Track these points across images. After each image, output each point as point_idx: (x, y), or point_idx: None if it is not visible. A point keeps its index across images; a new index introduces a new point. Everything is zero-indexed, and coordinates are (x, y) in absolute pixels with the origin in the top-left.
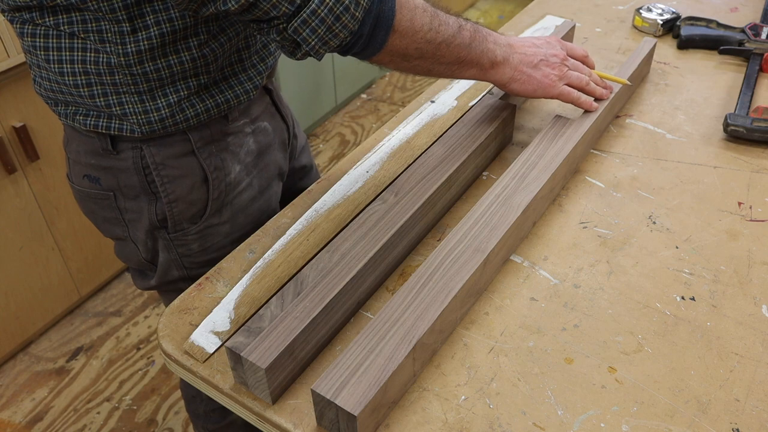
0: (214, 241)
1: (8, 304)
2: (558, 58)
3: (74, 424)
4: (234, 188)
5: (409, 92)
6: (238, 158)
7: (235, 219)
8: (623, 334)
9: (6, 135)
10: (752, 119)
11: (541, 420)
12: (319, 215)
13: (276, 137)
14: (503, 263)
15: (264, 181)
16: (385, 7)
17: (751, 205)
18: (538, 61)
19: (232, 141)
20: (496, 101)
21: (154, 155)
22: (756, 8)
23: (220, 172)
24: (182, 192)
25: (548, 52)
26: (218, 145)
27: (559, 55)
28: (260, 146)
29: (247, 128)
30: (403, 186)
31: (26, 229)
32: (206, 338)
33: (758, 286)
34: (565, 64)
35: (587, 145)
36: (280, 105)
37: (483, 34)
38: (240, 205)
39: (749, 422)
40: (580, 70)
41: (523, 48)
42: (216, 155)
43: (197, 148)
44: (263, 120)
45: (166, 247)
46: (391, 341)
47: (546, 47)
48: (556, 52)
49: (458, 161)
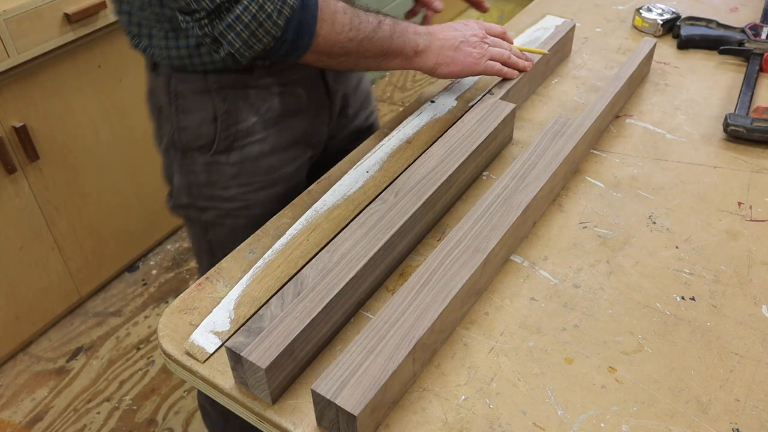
0: (220, 178)
1: (8, 304)
2: (477, 37)
3: (74, 424)
4: (245, 136)
5: (409, 92)
6: (256, 110)
7: (243, 166)
8: (623, 334)
9: (6, 135)
10: (752, 119)
11: (541, 420)
12: (319, 215)
13: (312, 107)
14: (503, 263)
15: (282, 141)
16: (307, 14)
17: (751, 205)
18: (458, 43)
19: (253, 94)
20: (496, 101)
21: (176, 85)
22: (756, 8)
23: (231, 118)
24: (192, 124)
25: (467, 33)
26: (236, 92)
27: (478, 34)
28: (286, 108)
29: (274, 87)
30: (403, 186)
31: (26, 229)
32: (206, 338)
33: (758, 286)
34: (485, 41)
35: (587, 145)
36: (331, 81)
37: (403, 26)
38: (250, 154)
39: (749, 422)
40: (500, 46)
41: (444, 33)
42: (231, 101)
43: (213, 90)
44: (299, 86)
45: (179, 169)
46: (391, 341)
47: (464, 29)
48: (474, 31)
49: (458, 161)
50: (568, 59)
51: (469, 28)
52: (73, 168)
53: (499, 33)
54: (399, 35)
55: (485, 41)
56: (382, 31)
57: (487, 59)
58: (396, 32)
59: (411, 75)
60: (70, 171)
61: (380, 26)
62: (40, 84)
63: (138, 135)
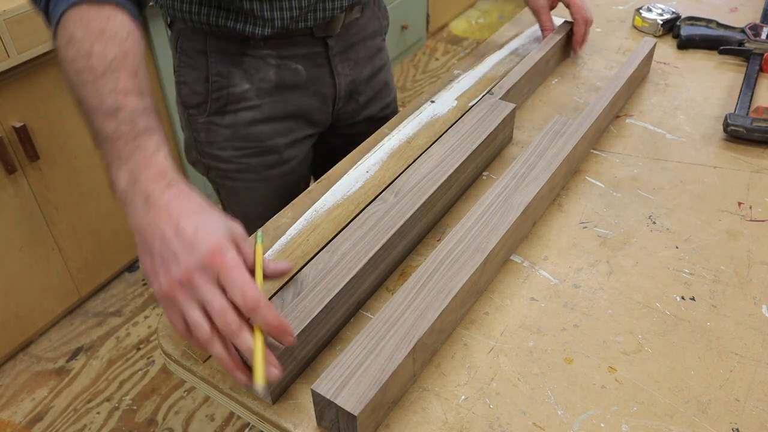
0: (217, 139)
1: (8, 304)
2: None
3: (74, 424)
4: (238, 101)
5: (409, 92)
6: (249, 78)
7: (237, 129)
8: (623, 334)
9: (6, 135)
10: (752, 119)
11: (541, 420)
12: (319, 215)
13: (311, 85)
14: (503, 263)
15: (278, 112)
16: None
17: (751, 205)
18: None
19: (248, 62)
20: (496, 101)
21: (182, 41)
22: (756, 8)
23: (223, 80)
24: (189, 79)
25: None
26: (231, 58)
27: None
28: (282, 81)
29: (270, 59)
30: (403, 186)
31: (26, 229)
32: None
33: (758, 286)
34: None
35: (587, 145)
36: (336, 63)
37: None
38: (243, 119)
39: (749, 422)
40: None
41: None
42: (224, 65)
43: (210, 51)
44: (299, 62)
45: (186, 125)
46: (391, 341)
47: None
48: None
49: (458, 161)
50: (568, 59)
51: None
52: (73, 168)
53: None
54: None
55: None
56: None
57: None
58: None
59: (411, 75)
60: (70, 171)
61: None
62: (40, 84)
63: None
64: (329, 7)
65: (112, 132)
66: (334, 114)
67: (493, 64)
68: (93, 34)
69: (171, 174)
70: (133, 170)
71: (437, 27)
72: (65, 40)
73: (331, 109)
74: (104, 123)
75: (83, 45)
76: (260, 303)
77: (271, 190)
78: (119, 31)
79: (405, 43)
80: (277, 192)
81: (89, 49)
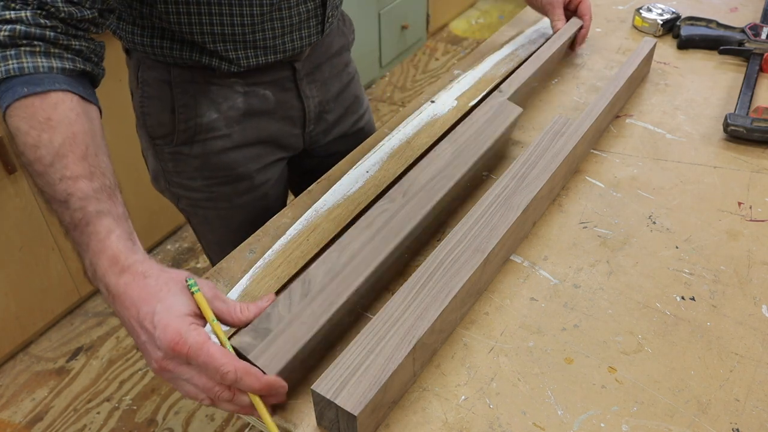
0: (186, 169)
1: (8, 304)
2: (154, 363)
3: (74, 424)
4: (206, 131)
5: (409, 92)
6: (217, 107)
7: (207, 159)
8: (623, 334)
9: (6, 135)
10: (752, 119)
11: (541, 420)
12: (319, 215)
13: (280, 109)
14: (503, 263)
15: (248, 139)
16: None
17: (751, 205)
18: (129, 330)
19: (215, 91)
20: (504, 101)
21: (143, 71)
22: (756, 8)
23: (190, 111)
24: (154, 111)
25: (141, 340)
26: (197, 87)
27: (154, 365)
28: (251, 108)
29: (238, 87)
30: (412, 186)
31: (26, 229)
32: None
33: (758, 286)
34: (168, 371)
35: (587, 145)
36: (303, 86)
37: (86, 238)
38: (212, 148)
39: (749, 422)
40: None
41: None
42: (190, 95)
43: (174, 82)
44: (266, 88)
45: (152, 154)
46: (391, 341)
47: (142, 335)
48: (153, 354)
49: (466, 165)
50: (568, 59)
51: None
52: None
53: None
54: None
55: (169, 371)
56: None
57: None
58: (72, 233)
59: (411, 75)
60: None
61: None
62: None
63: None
64: (297, 46)
65: (69, 222)
66: (305, 137)
67: (493, 64)
68: (39, 124)
69: (124, 256)
70: (92, 260)
71: (437, 27)
72: (12, 134)
73: (301, 132)
74: (61, 213)
75: (29, 138)
76: (237, 375)
77: (245, 217)
78: (67, 115)
79: (405, 43)
80: (251, 218)
81: (37, 140)
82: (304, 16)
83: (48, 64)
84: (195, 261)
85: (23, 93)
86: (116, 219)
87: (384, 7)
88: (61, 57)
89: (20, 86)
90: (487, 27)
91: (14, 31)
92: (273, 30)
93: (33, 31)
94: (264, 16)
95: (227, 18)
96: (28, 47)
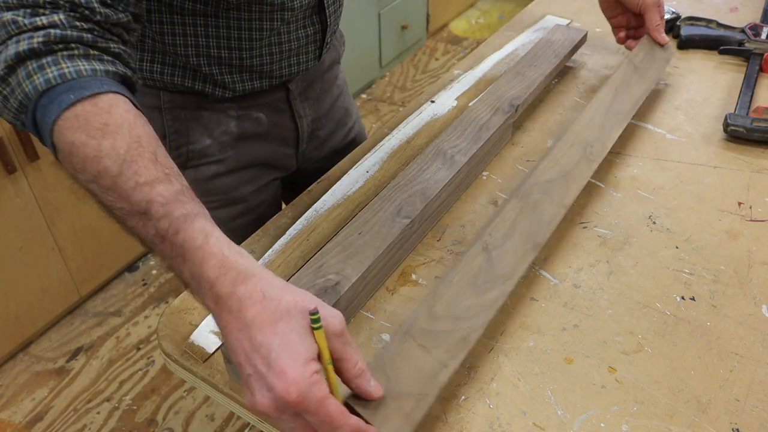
0: None
1: (8, 304)
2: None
3: (74, 424)
4: (199, 157)
5: (409, 92)
6: (210, 133)
7: (199, 184)
8: (623, 334)
9: (6, 135)
10: (752, 119)
11: (541, 420)
12: (319, 215)
13: (274, 131)
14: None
15: (242, 163)
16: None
17: (751, 205)
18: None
19: (207, 116)
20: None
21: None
22: (756, 8)
23: (182, 138)
24: None
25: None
26: (188, 113)
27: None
28: (244, 132)
29: (231, 111)
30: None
31: (26, 229)
32: (206, 338)
33: (758, 286)
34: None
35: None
36: (297, 105)
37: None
38: (206, 174)
39: (749, 422)
40: None
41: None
42: (182, 121)
43: (165, 108)
44: (260, 111)
45: None
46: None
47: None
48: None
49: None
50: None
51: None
52: None
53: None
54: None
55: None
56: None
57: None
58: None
59: (411, 75)
60: None
61: (142, 218)
62: None
63: None
64: (294, 71)
65: (154, 235)
66: (298, 156)
67: (493, 64)
68: (96, 132)
69: (232, 260)
70: (192, 271)
71: (437, 27)
72: (66, 151)
73: (294, 152)
74: (142, 228)
75: (88, 149)
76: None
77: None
78: (125, 117)
79: (405, 43)
80: None
81: (98, 151)
82: (303, 41)
83: (90, 66)
84: None
85: (70, 101)
86: (209, 220)
87: (384, 7)
88: (102, 60)
89: (65, 94)
90: (487, 27)
91: (49, 36)
92: (271, 55)
93: (69, 34)
94: (263, 41)
95: (224, 41)
96: (65, 51)
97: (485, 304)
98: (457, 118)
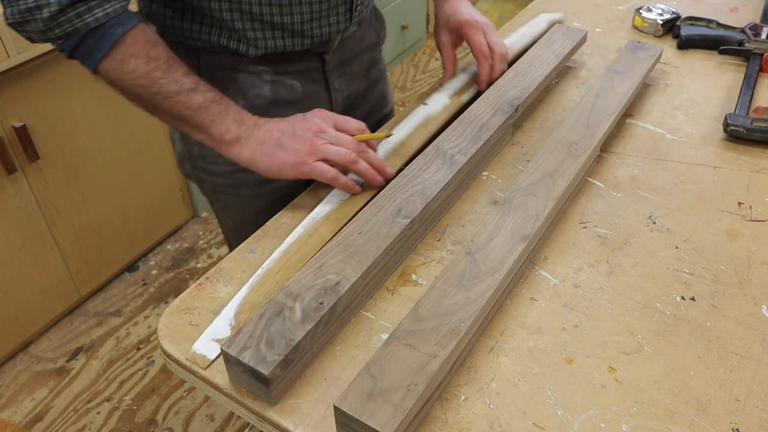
0: (210, 153)
1: (8, 304)
2: (310, 131)
3: (74, 424)
4: None
5: (409, 92)
6: (244, 95)
7: None
8: (623, 334)
9: (6, 135)
10: (752, 119)
11: (541, 420)
12: (317, 219)
13: (308, 100)
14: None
15: None
16: (94, 43)
17: (751, 205)
18: (282, 136)
19: (242, 78)
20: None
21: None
22: (756, 8)
23: None
24: None
25: (299, 126)
26: (225, 74)
27: (312, 128)
28: (277, 97)
29: (266, 75)
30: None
31: (26, 229)
32: (208, 346)
33: (758, 286)
34: (320, 135)
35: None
36: (332, 78)
37: (224, 108)
38: None
39: (749, 422)
40: (341, 143)
41: (271, 125)
42: (218, 82)
43: (202, 68)
44: (294, 78)
45: (179, 137)
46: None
47: (301, 122)
48: (309, 125)
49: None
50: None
51: (306, 120)
52: (73, 168)
53: (350, 128)
54: (210, 114)
55: (320, 135)
56: (189, 99)
57: (316, 159)
58: (209, 109)
59: (411, 75)
60: (70, 171)
61: (190, 93)
62: (40, 84)
63: (138, 135)
64: (325, 32)
65: (203, 101)
66: None
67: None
68: (144, 46)
69: None
70: (236, 117)
71: None
72: (118, 60)
73: None
74: (192, 98)
75: (140, 59)
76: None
77: (264, 206)
78: (159, 39)
79: (405, 43)
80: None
81: (147, 57)
82: (333, 2)
83: (112, 6)
84: (195, 261)
85: (119, 33)
86: None
87: (384, 7)
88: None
89: (112, 29)
90: None
91: None
92: (301, 14)
93: None
94: None
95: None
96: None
97: (473, 297)
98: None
